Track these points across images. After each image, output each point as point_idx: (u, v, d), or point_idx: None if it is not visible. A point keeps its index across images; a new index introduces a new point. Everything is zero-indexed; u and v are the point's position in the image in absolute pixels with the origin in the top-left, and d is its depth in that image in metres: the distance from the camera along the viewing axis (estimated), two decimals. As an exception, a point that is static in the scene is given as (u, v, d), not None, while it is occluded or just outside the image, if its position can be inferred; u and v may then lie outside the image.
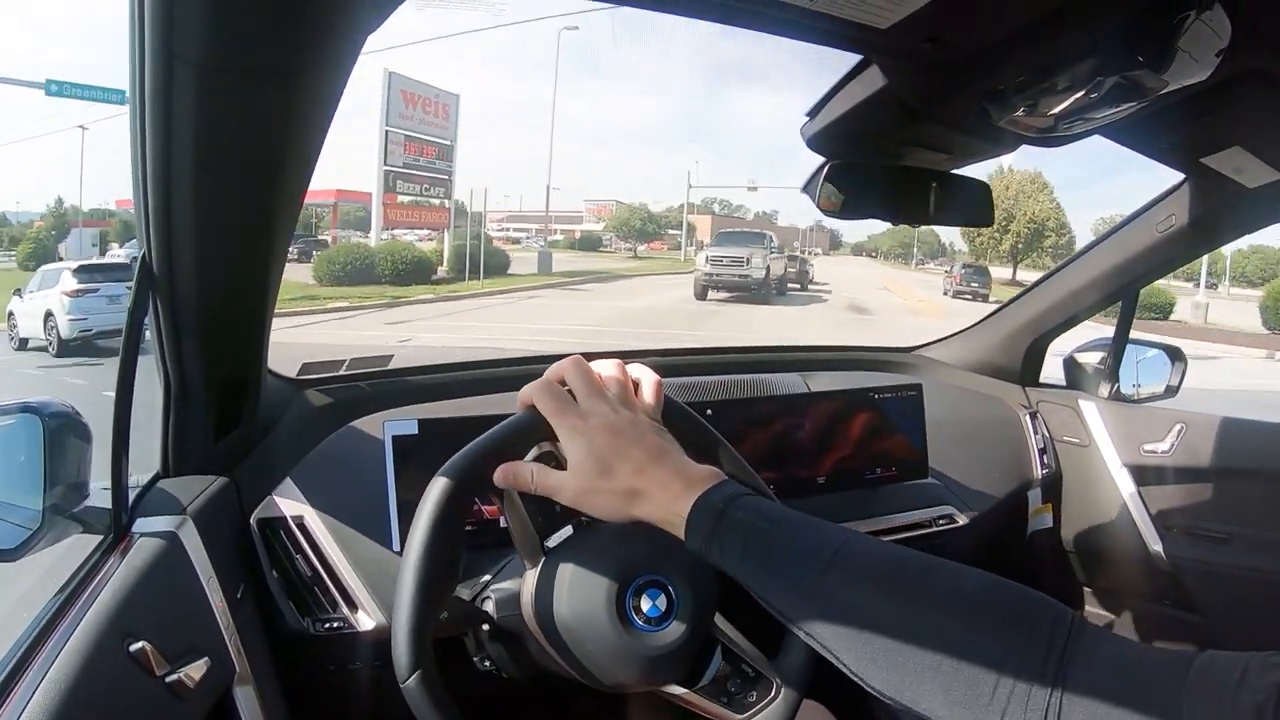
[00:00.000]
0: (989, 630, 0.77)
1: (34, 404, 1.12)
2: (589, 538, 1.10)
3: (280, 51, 0.82)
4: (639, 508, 0.98)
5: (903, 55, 1.12)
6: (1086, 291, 2.31)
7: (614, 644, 1.06)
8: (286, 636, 1.48)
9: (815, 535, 0.90)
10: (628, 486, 0.98)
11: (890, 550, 0.89)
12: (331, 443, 1.65)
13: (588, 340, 14.85)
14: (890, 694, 0.81)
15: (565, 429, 1.01)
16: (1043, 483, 2.39)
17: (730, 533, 0.91)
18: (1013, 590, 0.80)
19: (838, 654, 0.84)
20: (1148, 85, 1.01)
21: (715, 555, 0.92)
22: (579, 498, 1.00)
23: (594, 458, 0.99)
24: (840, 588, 0.85)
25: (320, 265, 28.74)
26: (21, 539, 1.07)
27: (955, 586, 0.82)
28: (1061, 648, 0.73)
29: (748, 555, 0.90)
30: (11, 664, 0.93)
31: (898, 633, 0.80)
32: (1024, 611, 0.78)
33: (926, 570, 0.85)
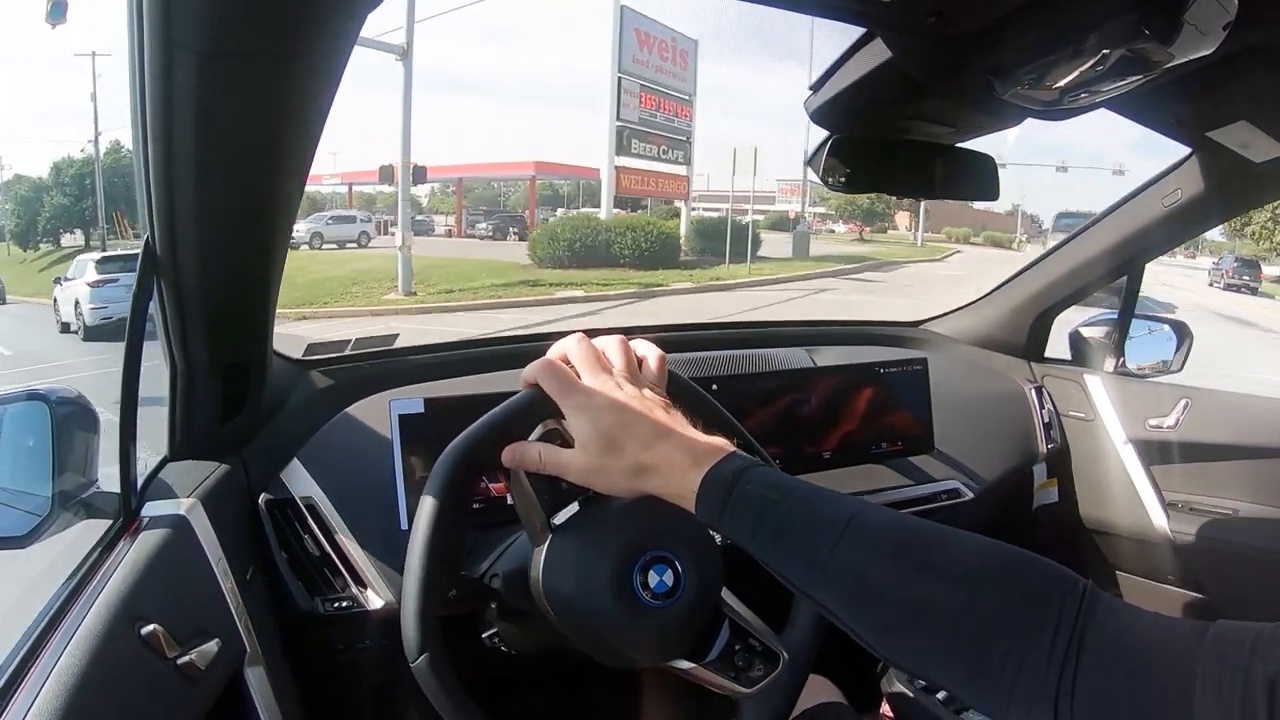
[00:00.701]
0: (1001, 601, 0.76)
1: (41, 391, 1.12)
2: (595, 514, 1.10)
3: (279, 35, 0.82)
4: (648, 483, 0.98)
5: (907, 29, 1.11)
6: (1092, 265, 2.31)
7: (621, 620, 1.06)
8: (296, 617, 1.49)
9: (827, 506, 0.89)
10: (635, 462, 0.97)
11: (903, 520, 0.89)
12: (338, 423, 1.65)
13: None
14: (904, 664, 0.83)
15: (571, 406, 1.01)
16: (1048, 457, 2.39)
17: (741, 505, 0.91)
18: (1026, 560, 0.80)
19: (851, 625, 0.84)
20: (1154, 58, 1.00)
21: (726, 528, 0.92)
22: (587, 475, 1.00)
23: (601, 434, 0.98)
24: (853, 559, 0.84)
25: (539, 245, 24.54)
26: (31, 526, 1.07)
27: (968, 557, 0.82)
28: (1073, 618, 0.73)
29: (760, 527, 0.89)
30: (24, 650, 0.94)
31: (911, 604, 0.80)
32: (1036, 582, 0.78)
33: (939, 541, 0.84)
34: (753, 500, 0.91)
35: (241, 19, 0.81)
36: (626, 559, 1.07)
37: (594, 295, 19.38)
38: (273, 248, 1.19)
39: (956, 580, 0.79)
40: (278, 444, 1.58)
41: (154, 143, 0.96)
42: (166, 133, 0.94)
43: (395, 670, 1.27)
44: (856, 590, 0.84)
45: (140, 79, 0.90)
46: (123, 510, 1.19)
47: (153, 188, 1.03)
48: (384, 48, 17.96)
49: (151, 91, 0.90)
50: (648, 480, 0.98)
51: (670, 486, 0.97)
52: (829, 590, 0.86)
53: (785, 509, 0.89)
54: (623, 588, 1.06)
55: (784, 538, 0.88)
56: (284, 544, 1.51)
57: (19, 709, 0.85)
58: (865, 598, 0.83)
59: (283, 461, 1.56)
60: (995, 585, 0.78)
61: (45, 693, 0.87)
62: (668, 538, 1.10)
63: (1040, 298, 2.48)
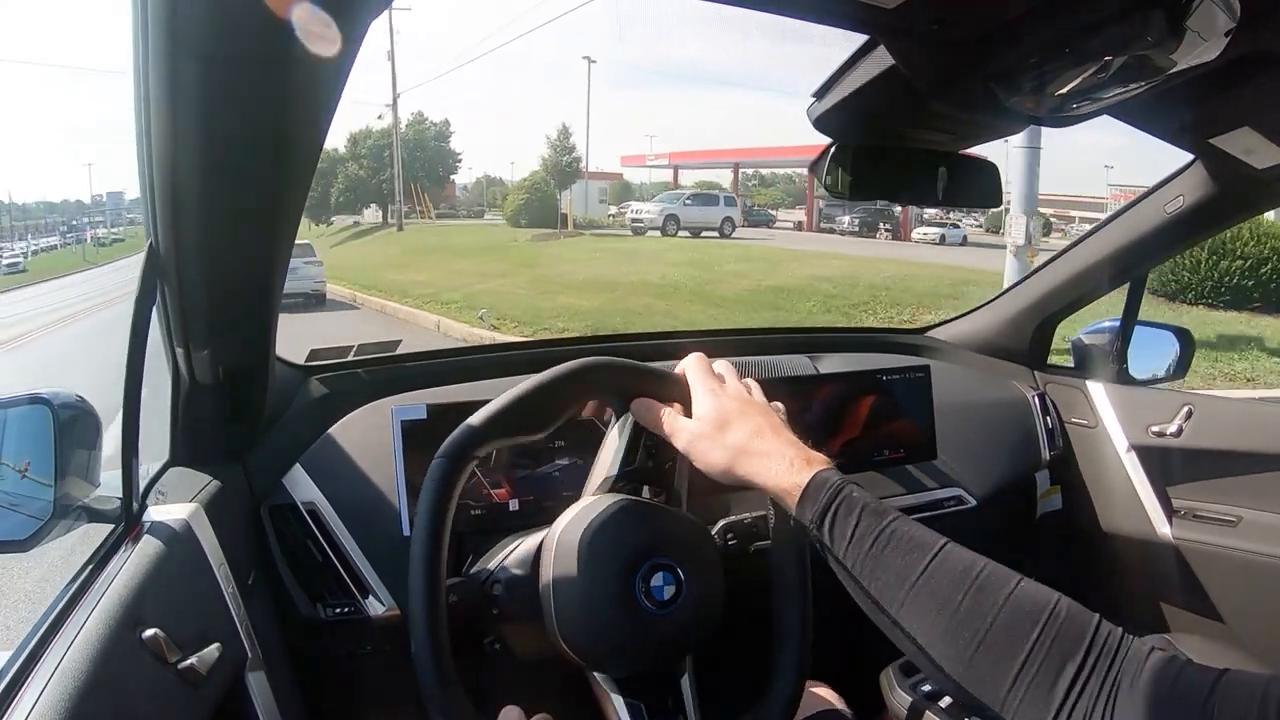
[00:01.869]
0: (1067, 645, 0.83)
1: (44, 395, 1.12)
2: (603, 517, 1.11)
3: (284, 40, 0.82)
4: (745, 467, 1.06)
5: (910, 36, 1.12)
6: (1094, 272, 2.30)
7: (621, 626, 1.08)
8: (298, 622, 1.49)
9: (921, 532, 0.96)
10: (742, 445, 1.07)
11: (981, 560, 0.93)
12: (340, 429, 1.65)
13: None
14: (967, 685, 0.88)
15: (704, 388, 1.14)
16: (1051, 465, 2.39)
17: (845, 511, 0.98)
18: (1077, 607, 0.87)
19: (925, 645, 0.91)
20: (1156, 65, 1.01)
21: (825, 530, 0.99)
22: (693, 443, 1.10)
23: (719, 412, 1.10)
24: (940, 586, 0.91)
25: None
26: (33, 529, 1.08)
27: (1037, 600, 0.88)
28: (1121, 661, 0.82)
29: (861, 538, 0.97)
30: (25, 653, 0.93)
31: (984, 634, 0.87)
32: (1097, 628, 0.85)
33: (1009, 582, 0.90)
34: (857, 510, 0.98)
35: (246, 23, 0.81)
36: (629, 565, 1.08)
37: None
38: (276, 252, 1.19)
39: (1025, 619, 0.86)
40: (280, 449, 1.58)
41: (158, 146, 0.96)
42: (170, 135, 0.94)
43: (396, 675, 1.27)
44: (937, 615, 0.90)
45: (145, 82, 0.90)
46: (125, 515, 1.19)
47: (156, 191, 1.03)
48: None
49: (156, 95, 0.90)
50: (746, 464, 1.06)
51: (772, 476, 1.05)
52: (911, 610, 0.93)
53: (887, 526, 0.97)
54: (624, 594, 1.07)
55: (882, 553, 0.95)
56: (286, 550, 1.51)
57: (21, 712, 0.85)
58: (943, 623, 0.90)
59: (285, 467, 1.56)
60: (1056, 627, 0.85)
61: (47, 696, 0.87)
62: (670, 547, 1.12)
63: (1042, 305, 2.48)
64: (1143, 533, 2.28)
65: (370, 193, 52.52)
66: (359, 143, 52.50)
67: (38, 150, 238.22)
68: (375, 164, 50.68)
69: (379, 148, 50.49)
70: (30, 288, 34.18)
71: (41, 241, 70.27)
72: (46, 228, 78.27)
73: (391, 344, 2.01)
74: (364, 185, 51.91)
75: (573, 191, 42.63)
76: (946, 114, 1.32)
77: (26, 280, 38.86)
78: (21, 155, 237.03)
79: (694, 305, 16.50)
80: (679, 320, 14.72)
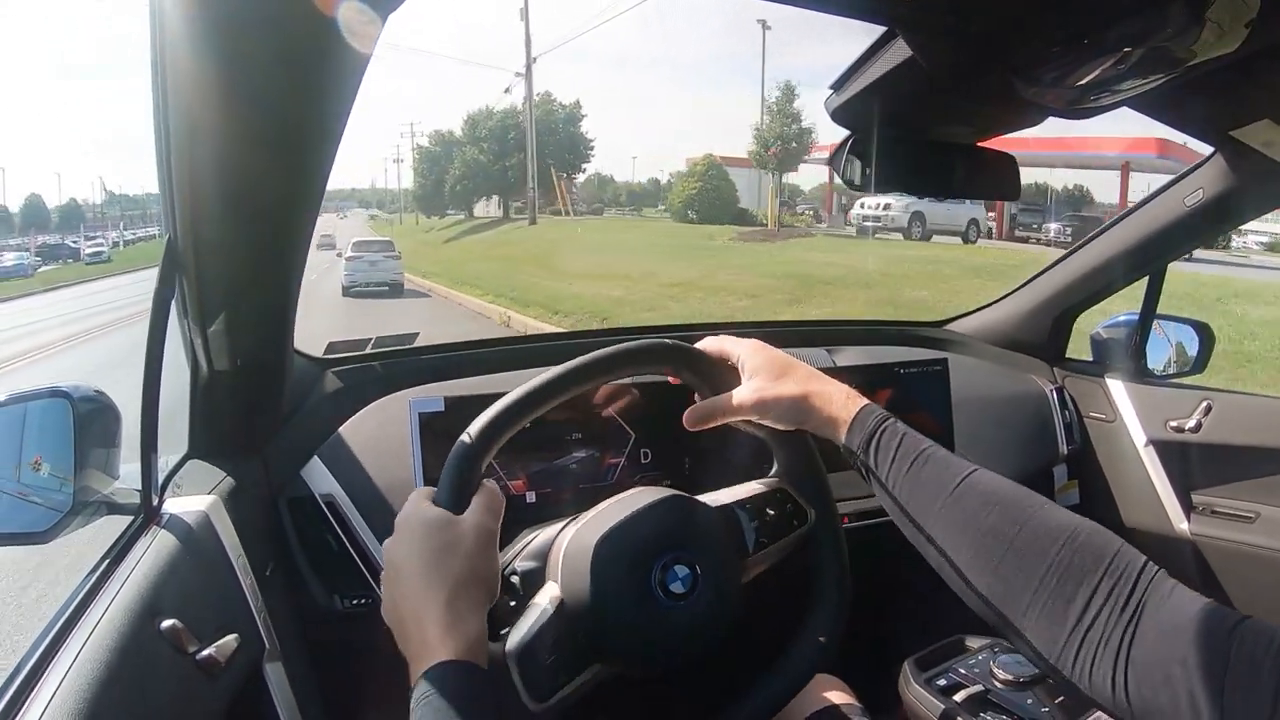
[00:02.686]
0: (1086, 562, 0.90)
1: (64, 388, 1.13)
2: (622, 510, 1.13)
3: (302, 38, 0.83)
4: (811, 405, 1.16)
5: (928, 27, 1.11)
6: (1113, 265, 2.28)
7: (636, 617, 1.08)
8: (316, 613, 1.51)
9: (953, 459, 1.07)
10: (802, 390, 1.17)
11: (1009, 483, 1.02)
12: (358, 421, 1.66)
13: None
14: (991, 597, 0.95)
15: (749, 347, 1.23)
16: (1068, 459, 2.38)
17: (889, 437, 1.10)
18: (1100, 530, 0.95)
19: (954, 556, 1.00)
20: (1176, 57, 1.00)
21: (871, 454, 1.10)
22: (760, 398, 1.17)
23: (774, 363, 1.20)
24: (969, 503, 1.00)
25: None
26: (53, 521, 1.08)
27: (1057, 520, 0.96)
28: (1144, 589, 0.87)
29: (901, 459, 1.07)
30: (45, 643, 0.95)
31: (1009, 548, 0.95)
32: (1118, 551, 0.92)
33: (1035, 503, 0.98)
34: (898, 436, 1.09)
35: (262, 21, 0.81)
36: (645, 557, 1.09)
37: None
38: (295, 244, 1.19)
39: (1051, 538, 0.93)
40: (298, 442, 1.59)
41: (177, 141, 0.96)
42: (190, 131, 0.95)
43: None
44: (966, 529, 0.99)
45: (162, 75, 0.91)
46: (144, 507, 1.20)
47: (174, 186, 1.03)
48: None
49: (174, 90, 0.91)
50: (811, 403, 1.16)
51: (830, 410, 1.15)
52: (943, 524, 1.02)
53: (924, 451, 1.07)
54: (640, 585, 1.08)
55: (919, 474, 1.06)
56: (304, 541, 1.52)
57: (42, 700, 0.86)
58: (971, 537, 0.99)
59: (303, 459, 1.57)
60: (1082, 549, 0.92)
61: (67, 684, 0.88)
62: (688, 540, 1.12)
63: (1061, 298, 2.47)
64: (1160, 528, 2.27)
65: (491, 181, 48.24)
66: (478, 125, 48.25)
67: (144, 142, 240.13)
68: (498, 148, 46.79)
69: (501, 129, 46.64)
70: (111, 279, 33.21)
71: (139, 231, 69.68)
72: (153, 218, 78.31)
73: (409, 336, 2.02)
74: (484, 172, 47.55)
75: (774, 179, 36.37)
76: (964, 106, 1.31)
77: (111, 270, 38.10)
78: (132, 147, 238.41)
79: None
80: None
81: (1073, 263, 2.40)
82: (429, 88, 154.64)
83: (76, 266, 41.85)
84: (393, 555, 1.00)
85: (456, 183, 48.83)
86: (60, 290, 30.63)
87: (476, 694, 0.90)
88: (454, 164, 49.16)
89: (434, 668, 0.90)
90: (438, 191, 50.90)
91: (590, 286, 18.26)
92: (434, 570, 0.96)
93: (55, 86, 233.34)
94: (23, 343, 16.24)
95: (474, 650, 0.93)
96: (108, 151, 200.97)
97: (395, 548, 1.00)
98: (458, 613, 0.94)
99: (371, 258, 24.14)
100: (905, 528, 1.08)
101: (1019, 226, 32.39)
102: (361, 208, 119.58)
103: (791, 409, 1.17)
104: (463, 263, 26.26)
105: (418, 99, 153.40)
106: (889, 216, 28.60)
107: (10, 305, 26.66)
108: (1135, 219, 2.19)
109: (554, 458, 1.59)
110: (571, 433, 1.60)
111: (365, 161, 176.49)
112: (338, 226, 61.56)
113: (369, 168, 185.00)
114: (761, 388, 1.18)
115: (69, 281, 34.52)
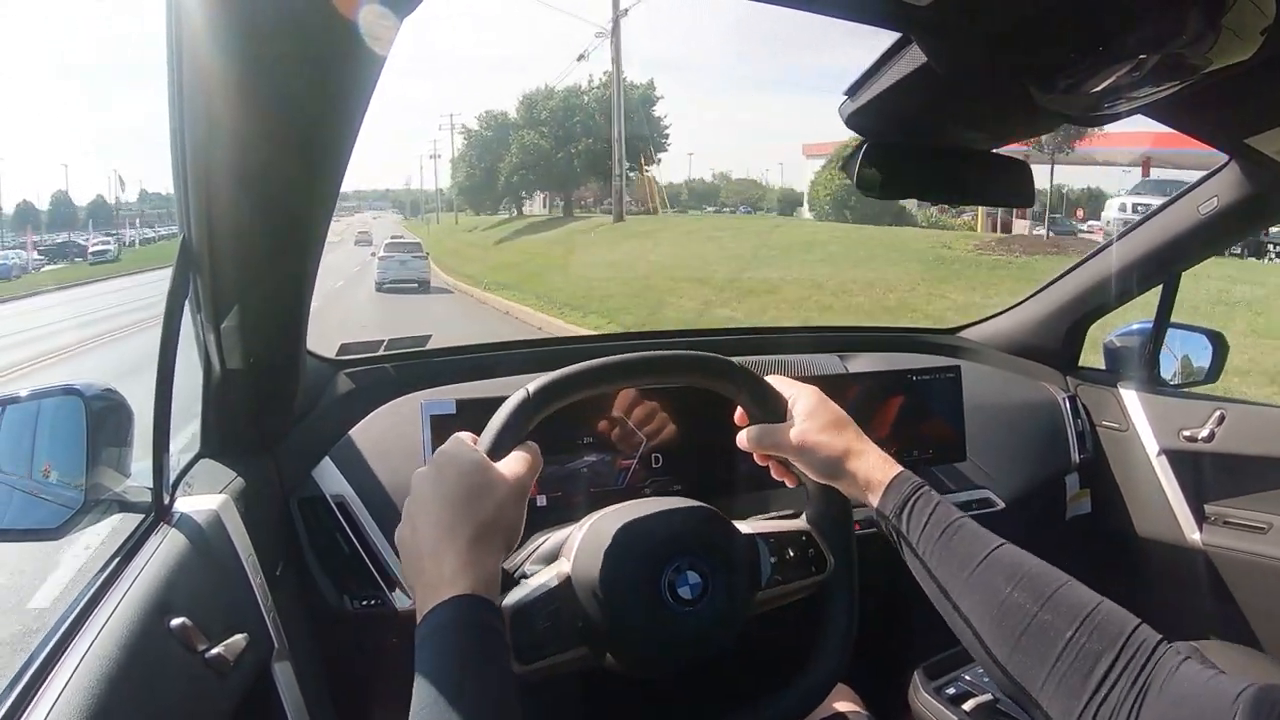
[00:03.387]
0: (1103, 639, 0.92)
1: (77, 386, 1.14)
2: (634, 514, 1.14)
3: (317, 38, 0.83)
4: (851, 460, 1.18)
5: (943, 33, 1.11)
6: (1126, 274, 2.27)
7: (643, 618, 1.09)
8: (325, 614, 1.51)
9: (982, 532, 1.09)
10: (844, 446, 1.19)
11: (1034, 559, 1.04)
12: (370, 423, 1.67)
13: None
14: (1010, 668, 0.97)
15: (806, 390, 1.26)
16: (1081, 468, 2.37)
17: (922, 505, 1.11)
18: (1117, 610, 0.96)
19: (977, 626, 1.02)
20: (1191, 64, 1.00)
21: (904, 521, 1.11)
22: (803, 441, 1.20)
23: (826, 413, 1.22)
24: (995, 576, 1.02)
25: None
26: (64, 518, 1.09)
27: (1077, 597, 0.97)
28: (1155, 663, 0.89)
29: (933, 528, 1.09)
30: (55, 639, 0.95)
31: (1031, 623, 0.96)
32: (1125, 627, 0.93)
33: (1057, 579, 1.00)
34: (931, 505, 1.11)
35: (280, 22, 0.82)
36: (662, 555, 1.10)
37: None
38: (308, 246, 1.20)
39: (1068, 615, 0.95)
40: (310, 442, 1.60)
41: (192, 141, 0.97)
42: (205, 131, 0.95)
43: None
44: (990, 602, 1.01)
45: (179, 76, 0.91)
46: (155, 505, 1.20)
47: (189, 186, 1.04)
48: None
49: (190, 90, 0.91)
50: (849, 461, 1.18)
51: (866, 471, 1.17)
52: (968, 595, 1.04)
53: (955, 521, 1.09)
54: (650, 581, 1.09)
55: (949, 543, 1.07)
56: (314, 542, 1.53)
57: (52, 694, 0.86)
58: (994, 609, 1.00)
59: (314, 460, 1.58)
60: (1096, 625, 0.93)
61: (76, 680, 0.88)
62: (708, 553, 1.14)
63: (1074, 306, 2.46)
64: (1172, 538, 2.25)
65: (554, 171, 42.18)
66: (536, 105, 42.71)
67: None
68: (560, 134, 41.22)
69: (564, 111, 41.32)
70: (116, 280, 31.65)
71: (162, 229, 67.40)
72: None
73: (422, 339, 2.03)
74: (546, 160, 41.75)
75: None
76: (979, 112, 1.31)
77: (118, 270, 36.62)
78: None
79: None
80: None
81: (1086, 271, 2.39)
82: (474, 70, 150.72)
83: (82, 266, 40.74)
84: (423, 486, 1.00)
85: (514, 172, 43.95)
86: (45, 295, 28.46)
87: (493, 627, 0.92)
88: (510, 150, 44.10)
89: (450, 600, 0.90)
90: (489, 182, 45.94)
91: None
92: (463, 509, 0.96)
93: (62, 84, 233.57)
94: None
95: (490, 590, 0.94)
96: (132, 147, 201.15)
97: (427, 480, 1.01)
98: (478, 554, 0.94)
99: (401, 257, 26.66)
100: (932, 594, 1.10)
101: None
102: (396, 210, 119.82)
103: (829, 461, 1.19)
104: (538, 272, 24.42)
105: (458, 86, 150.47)
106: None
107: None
108: (1149, 227, 2.18)
109: (566, 461, 1.59)
110: (583, 436, 1.60)
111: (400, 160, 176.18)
112: (371, 225, 62.52)
113: (401, 168, 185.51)
114: (807, 431, 1.20)
115: (64, 284, 32.72)
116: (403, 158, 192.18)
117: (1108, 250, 2.32)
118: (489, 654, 0.90)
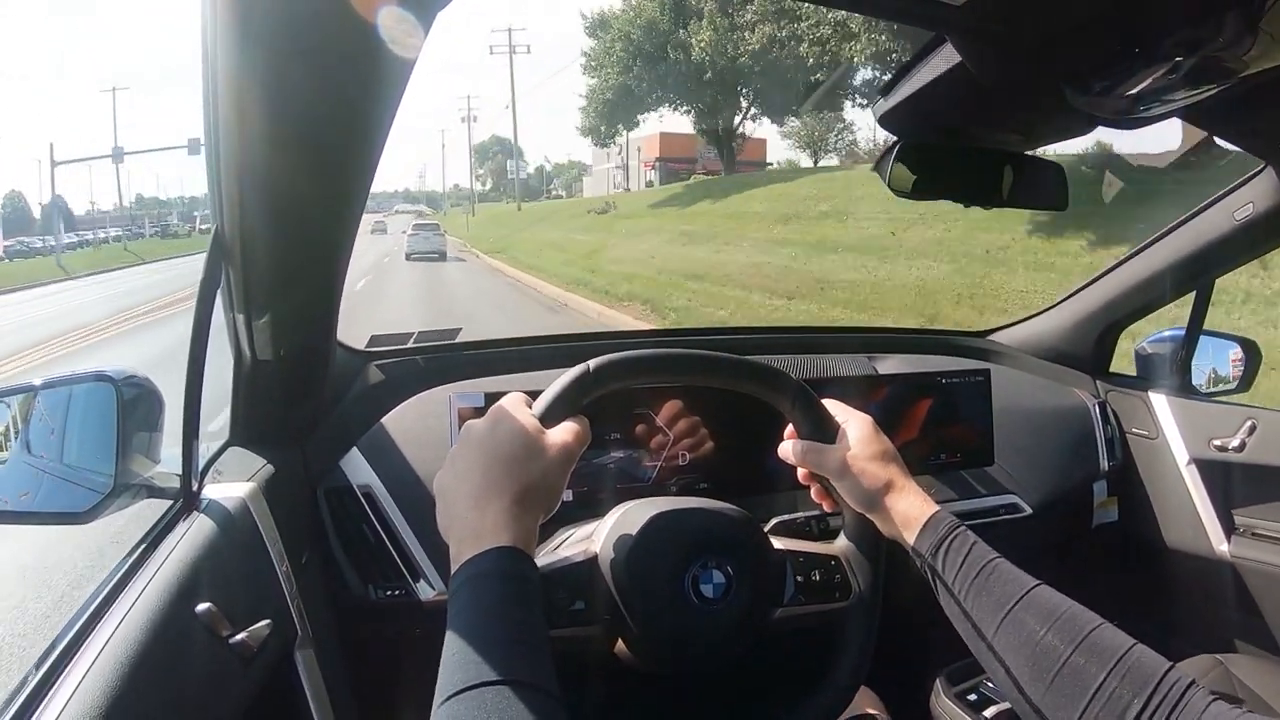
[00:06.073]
0: (1135, 683, 0.92)
1: (109, 372, 1.15)
2: (659, 511, 1.15)
3: (351, 33, 0.84)
4: (890, 495, 1.18)
5: (977, 34, 1.10)
6: (1159, 280, 2.25)
7: (667, 614, 1.10)
8: (349, 603, 1.52)
9: (1017, 573, 1.08)
10: (891, 479, 1.19)
11: (1069, 601, 1.04)
12: (398, 414, 1.68)
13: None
14: (1043, 708, 0.98)
15: (859, 419, 1.24)
16: (1109, 475, 2.34)
17: (959, 544, 1.11)
18: (1150, 654, 0.96)
19: (1011, 666, 1.02)
20: (1228, 67, 0.99)
21: (940, 559, 1.11)
22: (851, 464, 1.19)
23: (880, 444, 1.21)
24: (1030, 617, 1.02)
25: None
26: (93, 503, 1.10)
27: (1111, 641, 0.98)
28: (1181, 706, 0.89)
29: (969, 568, 1.09)
30: (81, 621, 0.97)
31: (1065, 665, 0.97)
32: (1157, 671, 0.93)
33: (1091, 622, 1.00)
34: (967, 545, 1.11)
35: (315, 18, 0.82)
36: (692, 551, 1.12)
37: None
38: (340, 237, 1.20)
39: (1110, 657, 0.96)
40: (338, 433, 1.61)
41: (225, 132, 0.98)
42: (239, 122, 0.96)
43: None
44: (1024, 644, 1.01)
45: (213, 68, 0.92)
46: (183, 492, 1.21)
47: (223, 178, 1.05)
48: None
49: (225, 85, 0.92)
50: (890, 495, 1.18)
51: (904, 507, 1.17)
52: (1003, 636, 1.04)
53: (991, 561, 1.09)
54: (674, 573, 1.10)
55: (984, 584, 1.07)
56: (340, 531, 1.54)
57: (76, 675, 0.88)
58: (1028, 650, 1.01)
59: (342, 450, 1.59)
60: (1138, 671, 0.94)
61: (101, 661, 0.90)
62: (740, 558, 1.14)
63: (1106, 312, 2.44)
64: (1200, 548, 2.23)
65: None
66: (602, 28, 35.43)
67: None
68: (656, 50, 33.19)
69: (666, 28, 33.47)
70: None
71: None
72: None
73: (452, 331, 2.03)
74: (663, 81, 34.01)
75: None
76: (1013, 114, 1.31)
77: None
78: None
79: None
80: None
81: (1118, 276, 2.37)
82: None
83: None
84: (474, 438, 1.03)
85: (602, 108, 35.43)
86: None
87: (532, 579, 0.94)
88: (607, 86, 36.40)
89: (492, 549, 0.93)
90: (625, 101, 35.75)
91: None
92: (511, 467, 0.99)
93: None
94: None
95: (528, 548, 0.96)
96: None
97: (480, 432, 1.03)
98: (520, 511, 0.97)
99: (425, 234, 36.16)
100: (965, 633, 1.10)
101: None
102: (428, 206, 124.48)
103: (870, 492, 1.19)
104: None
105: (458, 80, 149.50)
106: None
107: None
108: (1182, 233, 2.16)
109: (593, 457, 1.59)
110: (610, 432, 1.60)
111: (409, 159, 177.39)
112: (386, 220, 69.18)
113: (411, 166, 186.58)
114: (855, 457, 1.19)
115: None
116: (410, 156, 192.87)
117: (1140, 256, 2.30)
118: (528, 603, 0.91)
